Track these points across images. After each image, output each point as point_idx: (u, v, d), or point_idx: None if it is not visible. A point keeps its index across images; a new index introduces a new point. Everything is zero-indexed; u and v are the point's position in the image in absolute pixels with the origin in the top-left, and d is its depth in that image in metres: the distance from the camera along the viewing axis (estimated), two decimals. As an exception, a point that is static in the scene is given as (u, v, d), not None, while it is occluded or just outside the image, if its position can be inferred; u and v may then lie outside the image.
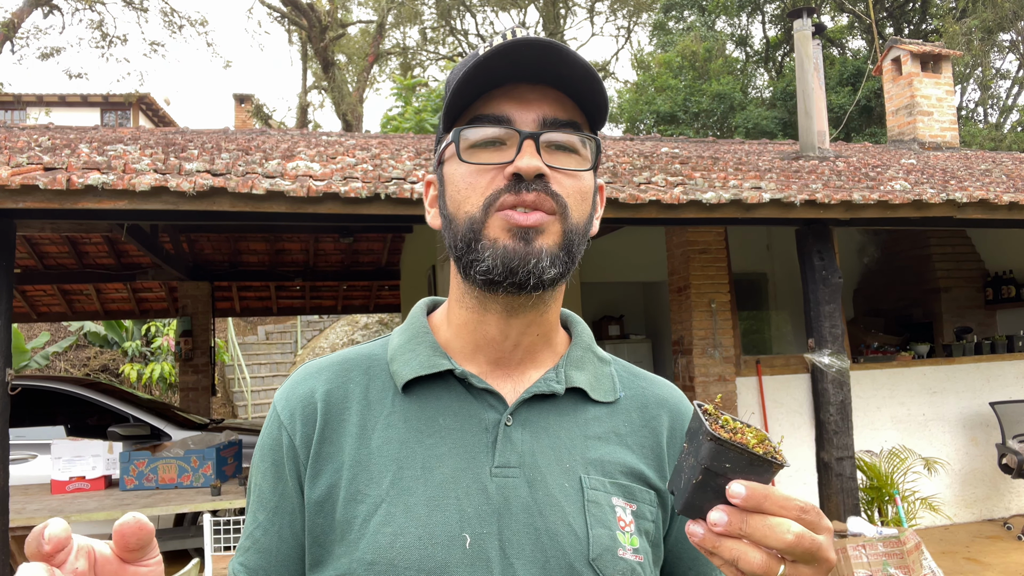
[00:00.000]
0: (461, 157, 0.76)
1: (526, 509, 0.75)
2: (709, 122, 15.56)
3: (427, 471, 0.76)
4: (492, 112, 0.77)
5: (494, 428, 0.78)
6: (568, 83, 0.77)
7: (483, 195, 0.76)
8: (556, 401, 0.82)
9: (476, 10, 21.04)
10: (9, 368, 3.64)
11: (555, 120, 0.77)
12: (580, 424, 0.82)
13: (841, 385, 4.73)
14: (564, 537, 0.75)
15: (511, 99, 0.77)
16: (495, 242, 0.75)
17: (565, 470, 0.78)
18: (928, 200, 4.72)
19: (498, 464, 0.77)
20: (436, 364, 0.80)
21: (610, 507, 0.78)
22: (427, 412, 0.79)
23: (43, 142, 5.14)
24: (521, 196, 0.74)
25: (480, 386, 0.80)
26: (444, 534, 0.73)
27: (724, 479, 0.59)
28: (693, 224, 5.38)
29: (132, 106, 20.57)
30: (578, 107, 0.79)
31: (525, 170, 0.74)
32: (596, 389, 0.84)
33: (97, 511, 4.02)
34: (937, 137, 8.51)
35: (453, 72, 0.80)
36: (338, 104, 17.90)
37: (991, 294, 7.72)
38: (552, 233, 0.76)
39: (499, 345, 0.81)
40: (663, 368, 8.24)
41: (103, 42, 14.94)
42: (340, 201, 3.82)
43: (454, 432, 0.78)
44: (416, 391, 0.80)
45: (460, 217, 0.77)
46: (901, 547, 3.97)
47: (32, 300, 8.78)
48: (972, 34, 14.02)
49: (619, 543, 0.77)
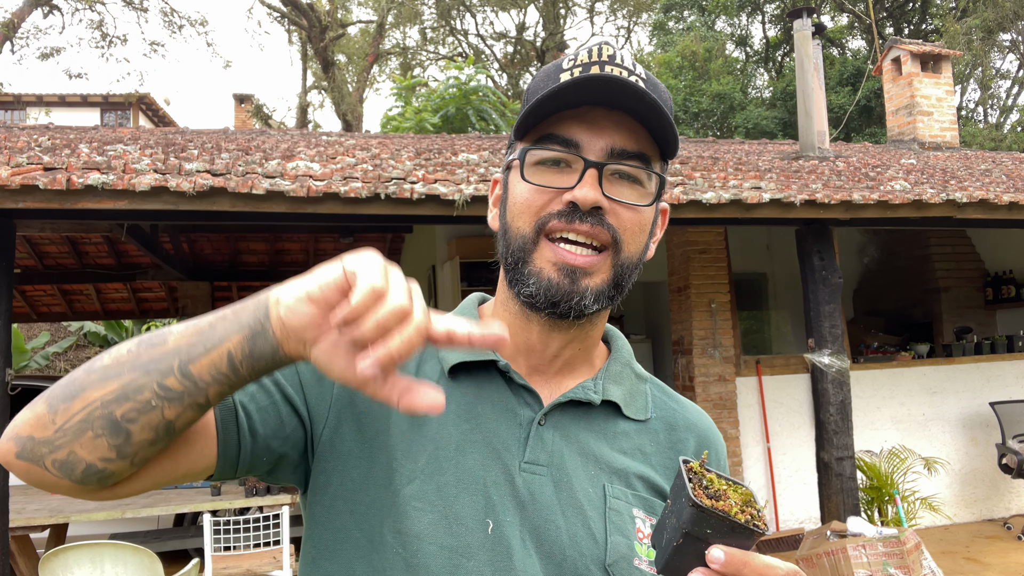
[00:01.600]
0: (524, 176, 0.78)
1: (549, 507, 0.77)
2: (709, 122, 15.56)
3: (460, 454, 0.77)
4: (562, 134, 0.77)
5: (528, 425, 0.80)
6: (641, 114, 0.77)
7: (536, 215, 0.77)
8: (589, 410, 0.83)
9: (476, 10, 21.05)
10: (9, 368, 3.64)
11: (623, 151, 0.77)
12: (609, 437, 0.83)
13: (841, 385, 4.73)
14: (583, 539, 0.76)
15: (584, 123, 0.77)
16: (540, 272, 0.77)
17: (590, 476, 0.80)
18: (928, 200, 4.71)
19: (528, 460, 0.78)
20: (481, 352, 0.81)
21: (630, 517, 0.80)
22: (467, 398, 0.81)
23: (43, 142, 5.14)
24: (573, 224, 0.76)
25: (520, 382, 0.81)
26: (469, 516, 0.74)
27: (705, 543, 0.60)
28: (693, 224, 5.38)
29: (132, 106, 20.57)
30: (651, 137, 0.79)
31: (582, 200, 0.75)
32: (630, 406, 0.86)
33: (97, 511, 4.02)
34: (937, 137, 8.51)
35: (535, 80, 0.82)
36: (338, 104, 17.90)
37: (991, 294, 7.72)
38: (602, 271, 0.78)
39: (540, 353, 0.83)
40: (663, 368, 8.24)
41: (103, 42, 14.94)
42: (340, 201, 3.81)
43: (490, 421, 0.80)
44: (460, 377, 0.82)
45: (513, 231, 0.79)
46: (901, 547, 3.97)
47: (32, 300, 8.77)
48: (972, 34, 14.02)
49: (636, 553, 0.78)
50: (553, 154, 0.78)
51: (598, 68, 0.76)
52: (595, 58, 0.77)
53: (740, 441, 5.94)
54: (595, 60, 0.77)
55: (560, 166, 0.78)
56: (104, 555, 3.26)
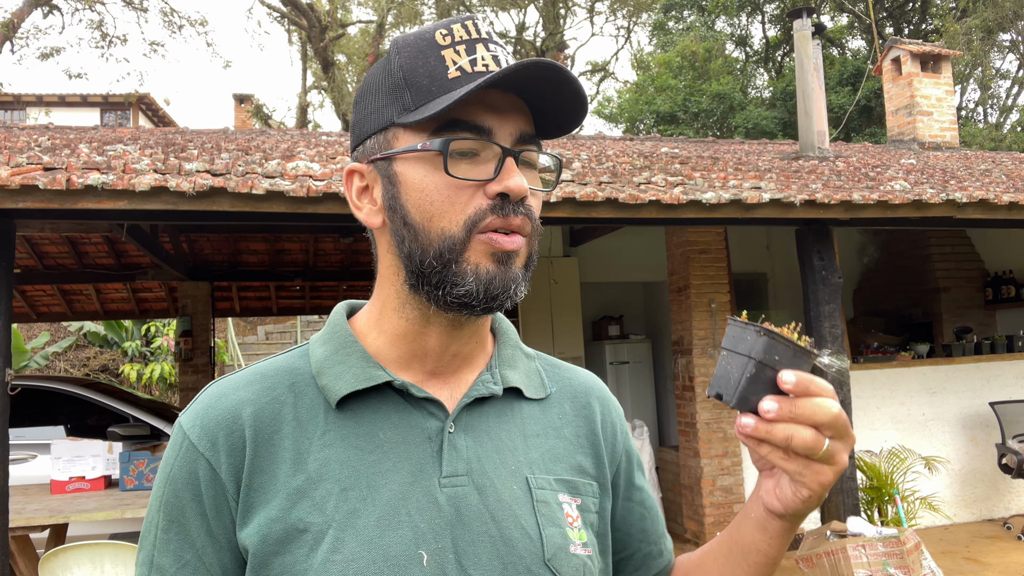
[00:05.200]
0: (448, 170, 0.71)
1: (478, 517, 0.74)
2: (709, 122, 15.55)
3: (373, 489, 0.71)
4: (474, 120, 0.72)
5: (438, 436, 0.76)
6: (529, 93, 0.74)
7: (464, 213, 0.71)
8: (493, 402, 0.81)
9: (476, 10, 21.04)
10: (9, 368, 3.64)
11: (527, 135, 0.75)
12: (518, 423, 0.81)
13: (841, 385, 4.73)
14: (519, 541, 0.74)
15: (487, 108, 0.73)
16: (477, 267, 0.72)
17: (511, 472, 0.77)
18: (928, 200, 4.71)
19: (446, 474, 0.74)
20: (373, 376, 0.76)
21: (557, 504, 0.78)
22: (364, 427, 0.74)
23: (43, 142, 5.14)
24: (508, 220, 0.72)
25: (420, 395, 0.76)
26: (400, 554, 0.69)
27: (773, 371, 0.66)
28: (693, 224, 5.38)
29: (132, 106, 20.57)
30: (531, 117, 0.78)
31: (517, 191, 0.71)
32: (529, 387, 0.84)
33: (97, 511, 4.01)
34: (937, 137, 8.51)
35: (410, 58, 0.74)
36: (338, 104, 17.91)
37: (991, 294, 7.72)
38: (522, 255, 0.75)
39: (437, 356, 0.79)
40: (663, 368, 8.24)
41: (103, 42, 14.93)
42: (340, 201, 3.81)
43: (397, 445, 0.74)
44: (350, 405, 0.75)
45: (434, 232, 0.72)
46: (901, 547, 3.97)
47: (32, 300, 8.77)
48: (972, 34, 14.01)
49: (570, 540, 0.77)
50: (471, 144, 0.72)
51: (483, 47, 0.74)
52: (475, 34, 0.74)
53: (740, 441, 5.94)
54: (476, 37, 0.74)
55: (469, 157, 0.72)
56: (104, 555, 3.26)
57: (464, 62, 0.73)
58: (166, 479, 0.73)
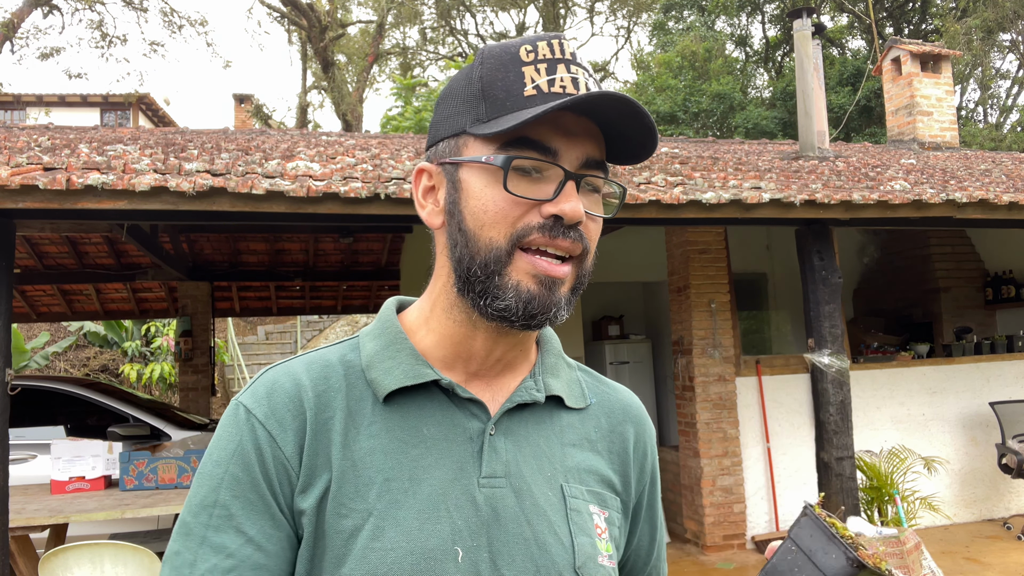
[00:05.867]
0: (507, 186, 0.72)
1: (514, 519, 0.75)
2: (709, 122, 15.55)
3: (415, 483, 0.74)
4: (542, 140, 0.73)
5: (479, 437, 0.77)
6: (604, 119, 0.76)
7: (512, 227, 0.73)
8: (534, 409, 0.82)
9: (476, 10, 21.05)
10: (9, 368, 3.64)
11: (593, 160, 0.76)
12: (556, 431, 0.83)
13: (841, 385, 4.73)
14: (552, 546, 0.76)
15: (557, 129, 0.74)
16: (519, 284, 0.73)
17: (547, 478, 0.79)
18: (928, 200, 4.71)
19: (485, 474, 0.76)
20: (421, 374, 0.78)
21: (589, 515, 0.80)
22: (410, 422, 0.77)
23: (43, 142, 5.13)
24: (556, 241, 0.73)
25: (465, 396, 0.78)
26: (437, 548, 0.71)
27: None
28: (693, 224, 5.38)
29: (132, 106, 20.57)
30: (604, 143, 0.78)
31: (571, 216, 0.72)
32: (571, 396, 0.86)
33: (97, 511, 4.01)
34: (937, 137, 8.51)
35: (492, 70, 0.76)
36: (338, 104, 17.90)
37: (991, 294, 7.72)
38: (570, 280, 0.76)
39: (482, 360, 0.80)
40: (663, 368, 8.24)
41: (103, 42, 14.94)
42: (340, 201, 3.81)
43: (440, 442, 0.76)
44: (396, 400, 0.77)
45: (482, 240, 0.74)
46: (901, 547, 3.97)
47: (32, 300, 8.78)
48: (972, 34, 14.01)
49: (599, 551, 0.79)
50: (534, 163, 0.73)
51: (564, 67, 0.75)
52: (558, 54, 0.75)
53: (740, 441, 5.94)
54: (559, 57, 0.75)
55: (531, 175, 0.74)
56: (104, 555, 3.26)
57: (542, 81, 0.74)
58: (231, 455, 0.73)
